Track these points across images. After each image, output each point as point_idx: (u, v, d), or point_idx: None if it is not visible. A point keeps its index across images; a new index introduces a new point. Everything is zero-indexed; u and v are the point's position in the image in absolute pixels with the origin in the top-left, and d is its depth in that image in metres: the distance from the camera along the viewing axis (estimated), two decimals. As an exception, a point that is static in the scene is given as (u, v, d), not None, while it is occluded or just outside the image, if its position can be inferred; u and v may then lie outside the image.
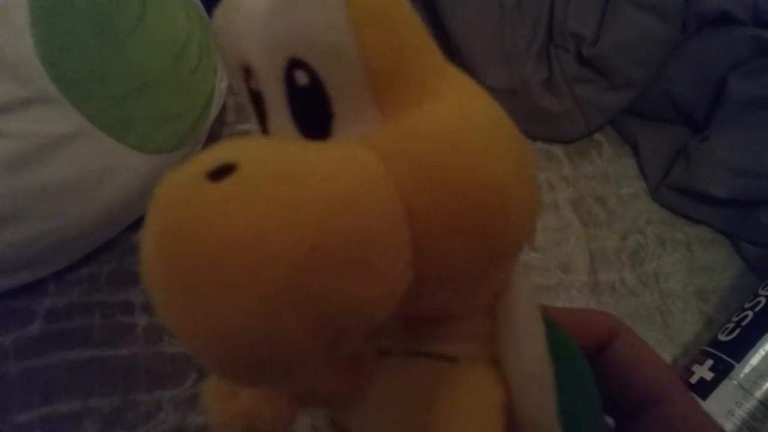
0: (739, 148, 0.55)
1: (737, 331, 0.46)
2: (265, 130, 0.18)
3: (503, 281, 0.19)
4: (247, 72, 0.18)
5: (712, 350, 0.46)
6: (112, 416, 0.42)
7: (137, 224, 0.48)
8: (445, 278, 0.17)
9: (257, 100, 0.18)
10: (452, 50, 0.58)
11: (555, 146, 0.60)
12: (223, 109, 0.54)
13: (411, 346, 0.20)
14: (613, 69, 0.57)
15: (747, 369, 0.43)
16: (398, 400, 0.20)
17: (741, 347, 0.44)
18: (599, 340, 0.24)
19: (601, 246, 0.55)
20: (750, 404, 0.42)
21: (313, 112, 0.17)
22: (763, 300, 0.46)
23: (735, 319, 0.47)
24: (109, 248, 0.48)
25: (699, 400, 0.43)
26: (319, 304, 0.14)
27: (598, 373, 0.21)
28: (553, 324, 0.20)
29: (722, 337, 0.46)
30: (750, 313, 0.46)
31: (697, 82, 0.58)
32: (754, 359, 0.43)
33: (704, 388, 0.43)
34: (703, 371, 0.44)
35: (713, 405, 0.42)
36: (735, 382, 0.43)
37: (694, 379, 0.44)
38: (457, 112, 0.17)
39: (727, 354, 0.44)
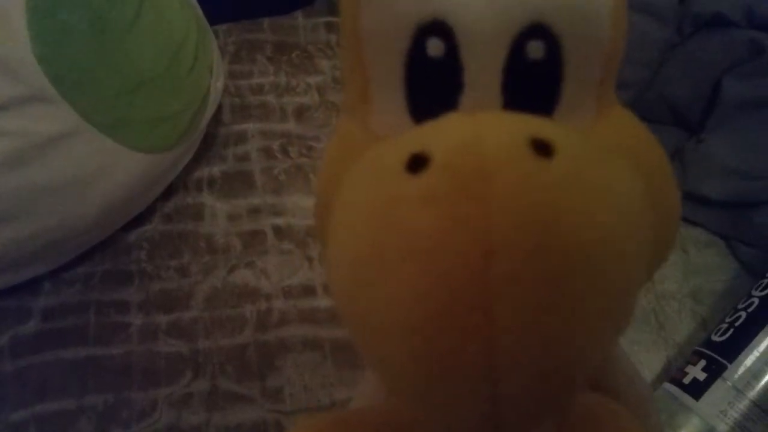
0: (734, 149, 0.55)
1: (730, 331, 0.46)
2: (422, 108, 0.15)
3: None
4: (426, 32, 0.15)
5: (705, 351, 0.46)
6: (106, 414, 0.42)
7: (133, 223, 0.49)
8: None
9: (430, 70, 0.15)
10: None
11: (551, 147, 0.60)
12: (220, 108, 0.54)
13: None
14: (608, 70, 0.57)
15: (740, 369, 0.43)
16: None
17: (734, 348, 0.44)
18: None
19: (596, 247, 0.55)
20: (743, 405, 0.42)
21: (536, 93, 0.15)
22: (756, 301, 0.47)
23: (728, 319, 0.47)
24: (105, 247, 0.48)
25: (692, 400, 0.43)
26: (629, 308, 0.13)
27: None
28: None
29: (715, 338, 0.46)
30: (743, 314, 0.46)
31: (693, 84, 0.58)
32: (748, 360, 0.43)
33: (697, 389, 0.43)
34: (696, 371, 0.44)
35: (706, 405, 0.42)
36: (728, 383, 0.43)
37: (687, 380, 0.44)
38: (634, 116, 0.16)
39: (720, 354, 0.44)
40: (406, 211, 0.12)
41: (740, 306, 0.48)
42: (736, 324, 0.46)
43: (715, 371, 0.44)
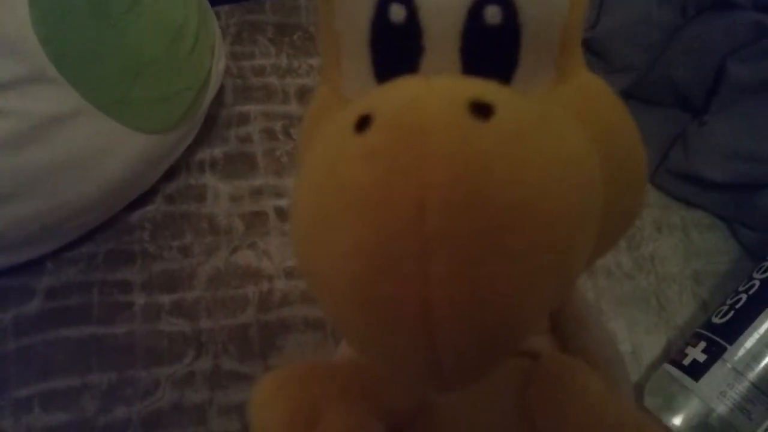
0: (738, 132, 0.55)
1: (731, 313, 0.46)
2: (386, 72, 0.16)
3: None
4: None
5: (705, 332, 0.46)
6: (109, 392, 0.43)
7: (135, 204, 0.49)
8: (597, 245, 0.15)
9: (393, 35, 0.15)
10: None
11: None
12: (221, 90, 0.54)
13: None
14: (611, 53, 0.57)
15: (740, 351, 0.43)
16: (485, 395, 0.18)
17: (734, 330, 0.44)
18: None
19: (597, 229, 0.55)
20: (742, 386, 0.42)
21: (493, 58, 0.15)
22: (757, 283, 0.47)
23: (729, 301, 0.47)
24: (107, 228, 0.48)
25: (692, 381, 0.43)
26: (573, 263, 0.13)
27: None
28: None
29: (716, 320, 0.46)
30: (744, 296, 0.46)
31: (696, 67, 0.58)
32: (748, 342, 0.43)
33: (697, 370, 0.44)
34: (696, 353, 0.45)
35: (705, 387, 0.43)
36: (728, 365, 0.43)
37: (687, 361, 0.45)
38: (605, 83, 0.16)
39: (721, 336, 0.45)
40: (348, 167, 0.12)
41: (741, 288, 0.48)
42: (737, 306, 0.46)
43: (715, 353, 0.44)
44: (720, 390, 0.42)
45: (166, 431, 0.42)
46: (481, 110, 0.12)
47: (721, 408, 0.42)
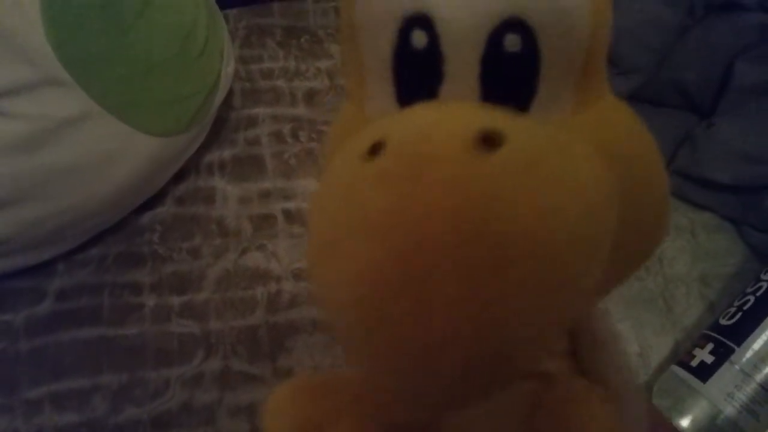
0: (745, 134, 0.55)
1: (738, 315, 0.46)
2: (408, 97, 0.16)
3: None
4: (410, 24, 0.15)
5: (713, 334, 0.46)
6: (120, 393, 0.43)
7: (145, 206, 0.49)
8: (608, 277, 0.15)
9: (414, 60, 0.16)
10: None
11: (560, 132, 0.60)
12: (230, 93, 0.55)
13: None
14: (618, 54, 0.57)
15: (748, 353, 0.43)
16: (494, 417, 0.18)
17: (742, 331, 0.44)
18: None
19: (605, 231, 0.55)
20: (750, 388, 0.42)
21: (512, 85, 0.15)
22: (764, 285, 0.47)
23: (737, 303, 0.47)
24: (117, 230, 0.49)
25: (699, 383, 0.43)
26: (579, 295, 0.13)
27: None
28: None
29: (723, 321, 0.46)
30: (752, 298, 0.46)
31: (704, 68, 0.58)
32: (755, 343, 0.43)
33: (704, 372, 0.44)
34: (703, 354, 0.45)
35: (713, 388, 0.43)
36: (736, 366, 0.43)
37: (694, 363, 0.44)
38: (630, 110, 0.16)
39: (728, 338, 0.44)
40: (358, 192, 0.12)
41: (749, 290, 0.48)
42: (745, 308, 0.46)
43: (722, 354, 0.44)
44: (728, 391, 0.42)
45: (175, 431, 0.42)
46: (490, 141, 0.12)
47: (729, 409, 0.42)
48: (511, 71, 0.15)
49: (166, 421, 0.43)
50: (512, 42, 0.14)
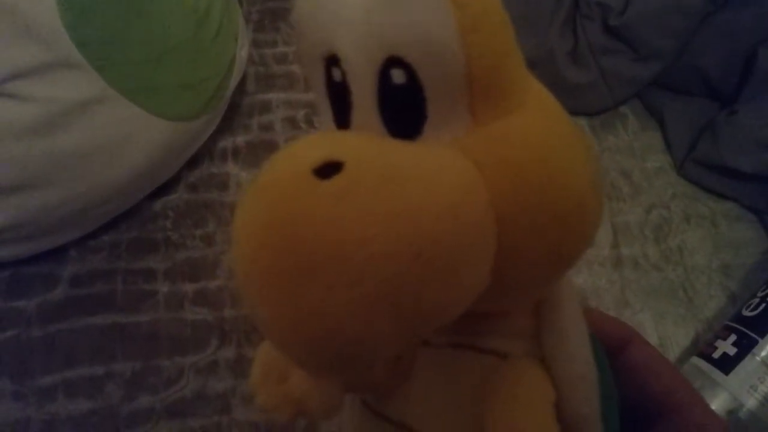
0: (768, 122, 0.54)
1: (762, 306, 0.45)
2: (341, 122, 0.18)
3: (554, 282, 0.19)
4: (330, 62, 0.18)
5: (735, 325, 0.45)
6: (134, 381, 0.43)
7: (158, 192, 0.49)
8: (517, 282, 0.17)
9: (338, 91, 0.18)
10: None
11: (579, 118, 0.59)
12: (244, 78, 0.54)
13: (454, 338, 0.20)
14: (640, 40, 0.56)
15: (771, 345, 0.42)
16: (445, 388, 0.20)
17: (765, 323, 0.44)
18: (613, 346, 0.24)
19: (624, 220, 0.54)
20: (773, 380, 0.41)
21: (404, 112, 0.17)
22: (789, 275, 0.46)
23: (760, 294, 0.46)
24: (130, 216, 0.48)
25: (721, 374, 0.42)
26: (413, 306, 0.14)
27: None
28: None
29: (746, 313, 0.45)
30: (775, 289, 0.46)
31: (726, 55, 0.57)
32: (779, 335, 0.43)
33: (727, 363, 0.43)
34: (726, 346, 0.44)
35: (735, 380, 0.42)
36: (758, 358, 0.42)
37: (716, 354, 0.44)
38: (544, 123, 0.17)
39: (751, 329, 0.44)
40: (247, 200, 0.15)
41: (772, 280, 0.47)
42: (768, 299, 0.45)
43: (745, 346, 0.43)
44: (750, 384, 0.42)
45: (189, 419, 0.42)
46: (329, 169, 0.14)
47: (751, 402, 0.41)
48: (401, 100, 0.16)
49: (180, 410, 0.42)
50: (397, 75, 0.16)
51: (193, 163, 0.50)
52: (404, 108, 0.17)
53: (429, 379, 0.21)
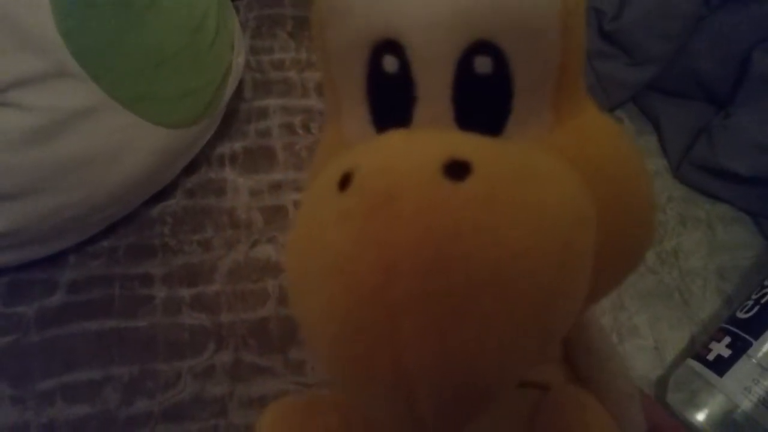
0: (763, 124, 0.54)
1: (756, 308, 0.45)
2: (385, 120, 0.16)
3: None
4: (383, 49, 0.15)
5: (730, 327, 0.45)
6: (131, 385, 0.43)
7: (156, 198, 0.49)
8: (596, 285, 0.15)
9: (387, 84, 0.16)
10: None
11: (574, 123, 0.59)
12: (241, 84, 0.54)
13: None
14: (635, 44, 0.56)
15: (765, 347, 0.42)
16: (498, 423, 0.18)
17: (759, 325, 0.44)
18: None
19: (619, 223, 0.54)
20: (767, 382, 0.41)
21: (486, 106, 0.15)
22: (783, 278, 0.46)
23: (754, 296, 0.46)
24: (128, 222, 0.48)
25: (716, 376, 0.43)
26: (554, 323, 0.13)
27: None
28: None
29: (741, 315, 0.46)
30: (770, 291, 0.46)
31: (721, 58, 0.57)
32: (773, 337, 0.43)
33: (721, 365, 0.43)
34: (720, 348, 0.44)
35: (730, 382, 0.42)
36: (753, 360, 0.42)
37: (711, 356, 0.44)
38: (610, 121, 0.16)
39: (745, 331, 0.44)
40: (324, 229, 0.13)
41: (767, 283, 0.47)
42: (762, 301, 0.45)
43: (739, 348, 0.43)
44: (745, 385, 0.42)
45: (187, 423, 0.42)
46: (457, 169, 0.12)
47: (746, 403, 0.41)
48: (483, 92, 0.15)
49: (177, 413, 0.42)
50: (482, 64, 0.14)
51: (190, 169, 0.51)
52: (487, 101, 0.15)
53: (475, 426, 0.19)
